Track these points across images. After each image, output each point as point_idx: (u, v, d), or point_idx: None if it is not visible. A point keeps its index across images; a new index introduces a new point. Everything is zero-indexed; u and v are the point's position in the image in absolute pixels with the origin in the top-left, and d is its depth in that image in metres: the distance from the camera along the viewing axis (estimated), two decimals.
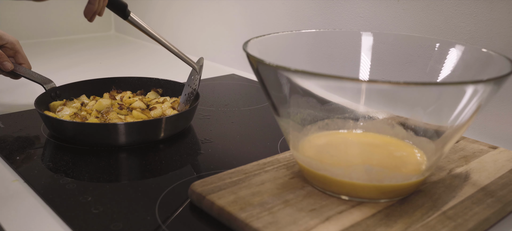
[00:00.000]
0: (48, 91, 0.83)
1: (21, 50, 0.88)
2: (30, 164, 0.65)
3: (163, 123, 0.72)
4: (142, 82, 0.91)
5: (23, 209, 0.55)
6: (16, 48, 0.87)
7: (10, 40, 0.86)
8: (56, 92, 0.84)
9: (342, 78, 0.44)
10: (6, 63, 0.84)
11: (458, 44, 0.60)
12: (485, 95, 0.46)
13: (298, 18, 1.05)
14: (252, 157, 0.66)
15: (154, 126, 0.71)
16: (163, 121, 0.72)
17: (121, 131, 0.69)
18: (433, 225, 0.47)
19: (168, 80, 0.90)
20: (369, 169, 0.51)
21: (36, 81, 0.85)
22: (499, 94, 0.74)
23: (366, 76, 0.64)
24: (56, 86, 0.85)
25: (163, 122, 0.72)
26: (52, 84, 0.85)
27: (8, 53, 0.87)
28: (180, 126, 0.76)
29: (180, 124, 0.76)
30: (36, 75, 0.86)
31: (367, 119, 0.61)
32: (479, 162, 0.62)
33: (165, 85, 0.90)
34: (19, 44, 0.88)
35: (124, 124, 0.69)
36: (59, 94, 0.85)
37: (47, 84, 0.84)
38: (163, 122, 0.72)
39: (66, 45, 1.53)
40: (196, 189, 0.53)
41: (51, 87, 0.84)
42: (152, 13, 1.55)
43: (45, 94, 0.82)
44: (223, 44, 1.28)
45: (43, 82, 0.85)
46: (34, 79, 0.85)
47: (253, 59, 0.49)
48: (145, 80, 0.91)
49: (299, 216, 0.48)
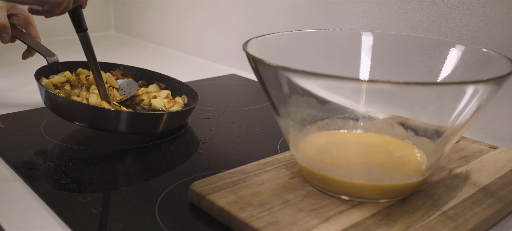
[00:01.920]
0: (49, 64, 0.83)
1: (34, 23, 0.88)
2: (30, 164, 0.65)
3: (163, 118, 0.73)
4: (144, 74, 0.91)
5: (23, 209, 0.55)
6: (29, 19, 0.87)
7: (24, 10, 0.86)
8: (58, 67, 0.84)
9: (342, 78, 0.44)
10: (5, 36, 0.83)
11: (458, 44, 0.60)
12: (485, 95, 0.46)
13: (298, 18, 1.05)
14: (252, 157, 0.66)
15: (151, 119, 0.72)
16: (164, 116, 0.73)
17: (121, 118, 0.70)
18: (433, 225, 0.47)
19: (168, 77, 0.90)
20: (369, 169, 0.51)
21: (40, 52, 0.85)
22: (499, 94, 0.74)
23: (366, 76, 0.64)
24: (58, 61, 0.84)
25: (164, 117, 0.73)
26: (54, 58, 0.84)
27: (20, 24, 0.87)
28: (175, 123, 0.76)
29: (175, 121, 0.76)
30: (40, 46, 0.85)
31: (367, 119, 0.61)
32: (479, 162, 0.62)
33: (166, 81, 0.90)
34: (32, 17, 0.88)
35: (127, 113, 0.70)
36: (60, 69, 0.85)
37: (50, 57, 0.84)
38: (164, 117, 0.73)
39: (66, 45, 1.53)
40: (196, 189, 0.53)
41: (53, 61, 0.84)
42: (153, 13, 1.55)
43: (47, 67, 0.82)
44: (223, 44, 1.28)
45: (46, 54, 0.84)
46: (38, 50, 0.85)
47: (253, 59, 0.49)
48: (148, 73, 0.91)
49: (299, 216, 0.48)
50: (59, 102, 0.72)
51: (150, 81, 0.90)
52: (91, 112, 0.70)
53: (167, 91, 0.86)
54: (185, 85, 0.87)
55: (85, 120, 0.71)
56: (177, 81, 0.88)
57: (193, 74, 1.18)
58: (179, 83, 0.88)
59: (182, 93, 0.86)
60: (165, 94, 0.84)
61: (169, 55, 1.42)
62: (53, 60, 0.84)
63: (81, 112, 0.71)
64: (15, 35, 0.86)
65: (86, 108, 0.71)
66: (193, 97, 0.83)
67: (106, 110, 0.71)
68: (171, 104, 0.80)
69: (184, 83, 0.87)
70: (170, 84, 0.89)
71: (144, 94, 0.83)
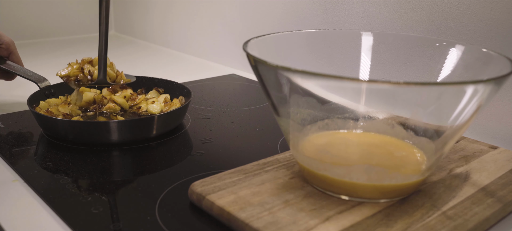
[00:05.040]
0: (42, 89, 0.83)
1: (16, 51, 0.88)
2: (30, 164, 0.65)
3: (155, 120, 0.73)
4: (141, 81, 0.90)
5: (23, 209, 0.55)
6: (11, 49, 0.87)
7: (5, 40, 0.86)
8: (51, 91, 0.84)
9: (342, 78, 0.44)
10: None
11: (458, 44, 0.60)
12: (485, 95, 0.46)
13: (298, 18, 1.05)
14: (252, 157, 0.66)
15: (145, 124, 0.72)
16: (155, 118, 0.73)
17: (111, 128, 0.70)
18: (433, 225, 0.47)
19: (162, 79, 0.90)
20: (369, 169, 0.51)
21: (30, 79, 0.85)
22: (499, 94, 0.74)
23: (366, 76, 0.64)
24: (50, 85, 0.84)
25: (155, 119, 0.73)
26: (46, 83, 0.84)
27: (2, 54, 0.87)
28: (171, 124, 0.76)
29: (170, 122, 0.76)
30: (30, 73, 0.85)
31: (367, 118, 0.61)
32: (479, 162, 0.62)
33: (160, 84, 0.89)
34: (14, 45, 0.88)
35: (116, 122, 0.70)
36: (54, 92, 0.85)
37: (41, 83, 0.84)
38: (155, 119, 0.73)
39: (66, 45, 1.53)
40: (196, 189, 0.53)
41: (45, 86, 0.84)
42: (153, 14, 1.55)
43: (39, 93, 0.82)
44: (223, 44, 1.28)
45: (37, 80, 0.84)
46: (28, 77, 0.85)
47: (253, 59, 0.49)
48: (140, 79, 0.90)
49: (299, 216, 0.48)
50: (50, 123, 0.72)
51: (149, 88, 0.90)
52: (81, 127, 0.70)
53: (165, 95, 0.86)
54: (179, 86, 0.87)
55: (75, 137, 0.71)
56: (172, 83, 0.88)
57: (193, 74, 1.18)
58: (174, 84, 0.88)
59: (178, 94, 0.86)
60: (163, 98, 0.84)
61: (169, 55, 1.42)
62: (44, 84, 0.84)
63: (69, 130, 0.70)
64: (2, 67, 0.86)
65: (77, 125, 0.70)
66: (188, 95, 0.83)
67: (98, 123, 0.71)
68: (168, 107, 0.80)
69: (178, 83, 0.87)
70: (165, 86, 0.89)
71: (142, 102, 0.83)
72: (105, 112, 0.81)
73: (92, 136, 0.70)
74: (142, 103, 0.83)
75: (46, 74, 0.89)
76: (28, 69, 0.87)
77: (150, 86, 0.90)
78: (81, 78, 0.78)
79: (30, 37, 1.57)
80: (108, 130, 0.70)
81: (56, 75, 0.78)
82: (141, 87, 0.90)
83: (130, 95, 0.84)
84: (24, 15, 1.56)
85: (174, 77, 0.93)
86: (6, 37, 0.86)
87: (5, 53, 0.87)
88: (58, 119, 0.71)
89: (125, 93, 0.85)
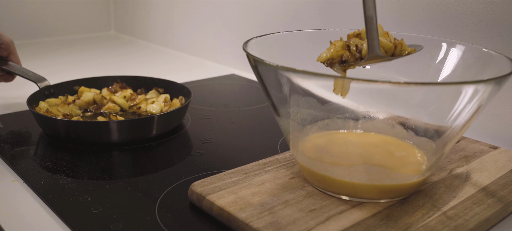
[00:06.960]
0: (41, 89, 0.83)
1: (15, 52, 0.88)
2: (29, 164, 0.65)
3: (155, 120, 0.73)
4: (141, 82, 0.90)
5: (23, 209, 0.55)
6: (10, 49, 0.87)
7: (5, 40, 0.86)
8: (50, 91, 0.84)
9: (342, 78, 0.44)
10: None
11: (458, 44, 0.60)
12: (485, 95, 0.46)
13: (298, 18, 1.05)
14: (252, 157, 0.66)
15: (145, 123, 0.72)
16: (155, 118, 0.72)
17: (111, 128, 0.70)
18: (433, 226, 0.47)
19: (162, 80, 0.89)
20: (369, 169, 0.51)
21: (30, 79, 0.85)
22: (500, 94, 0.74)
23: (366, 76, 0.64)
24: (50, 85, 0.84)
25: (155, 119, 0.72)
26: (46, 83, 0.84)
27: (2, 54, 0.87)
28: (171, 124, 0.76)
29: (170, 122, 0.76)
30: (30, 73, 0.86)
31: (367, 118, 0.61)
32: (479, 162, 0.62)
33: (160, 84, 0.89)
34: (13, 45, 0.88)
35: (116, 122, 0.70)
36: (53, 92, 0.85)
37: (41, 83, 0.84)
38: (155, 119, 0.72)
39: (66, 45, 1.53)
40: (196, 189, 0.53)
41: (45, 86, 0.84)
42: (153, 13, 1.55)
43: (39, 93, 0.82)
44: (223, 44, 1.28)
45: (37, 80, 0.84)
46: (28, 77, 0.85)
47: (253, 59, 0.49)
48: (140, 79, 0.90)
49: (299, 216, 0.48)
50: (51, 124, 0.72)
51: (149, 88, 0.90)
52: (81, 127, 0.70)
53: (165, 95, 0.85)
54: (179, 86, 0.87)
55: (75, 137, 0.71)
56: (172, 82, 0.88)
57: (193, 74, 1.18)
58: (174, 84, 0.88)
59: (178, 94, 0.86)
60: (163, 98, 0.84)
61: (169, 55, 1.42)
62: (44, 84, 0.84)
63: (68, 130, 0.70)
64: (2, 67, 0.86)
65: (77, 125, 0.70)
66: (188, 95, 0.83)
67: (98, 123, 0.71)
68: (168, 107, 0.80)
69: (178, 83, 0.87)
70: (165, 86, 0.89)
71: (142, 102, 0.83)
72: (104, 112, 0.81)
73: (92, 136, 0.70)
74: (142, 103, 0.83)
75: (46, 74, 0.89)
76: (28, 69, 0.87)
77: (150, 86, 0.90)
78: (347, 58, 0.55)
79: (30, 37, 1.57)
80: (108, 130, 0.70)
81: (316, 61, 0.56)
82: (141, 87, 0.90)
83: (130, 95, 0.84)
84: (24, 15, 1.56)
85: (174, 77, 0.93)
86: (6, 37, 0.86)
87: (5, 53, 0.87)
88: (58, 119, 0.71)
89: (125, 93, 0.85)
